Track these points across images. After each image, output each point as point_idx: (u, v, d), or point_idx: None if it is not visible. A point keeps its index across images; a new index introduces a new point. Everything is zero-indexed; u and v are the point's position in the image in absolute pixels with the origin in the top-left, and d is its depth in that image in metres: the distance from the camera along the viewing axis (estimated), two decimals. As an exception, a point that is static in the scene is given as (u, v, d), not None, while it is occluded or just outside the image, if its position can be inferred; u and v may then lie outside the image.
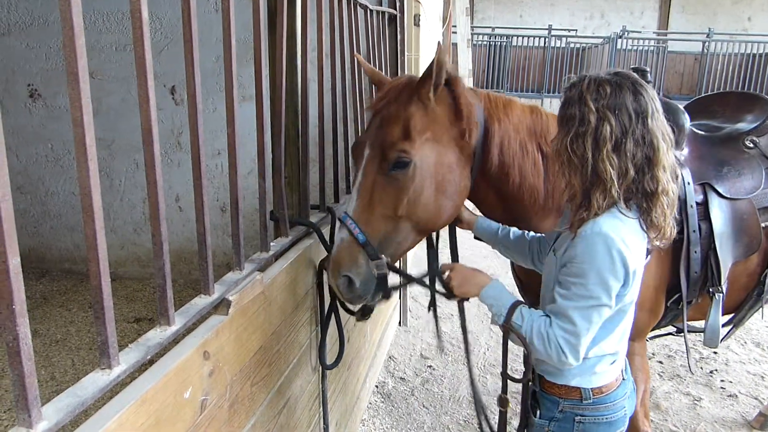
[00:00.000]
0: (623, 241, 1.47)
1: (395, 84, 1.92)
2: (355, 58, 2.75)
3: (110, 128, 4.93)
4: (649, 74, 2.27)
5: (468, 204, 2.10)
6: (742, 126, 2.46)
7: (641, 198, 1.51)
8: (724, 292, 2.22)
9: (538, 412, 1.72)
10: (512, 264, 2.34)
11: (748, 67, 13.98)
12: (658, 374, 3.99)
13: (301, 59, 2.04)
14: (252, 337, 1.63)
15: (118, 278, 5.27)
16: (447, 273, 1.81)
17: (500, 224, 2.08)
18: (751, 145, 2.37)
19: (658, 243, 1.57)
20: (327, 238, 2.19)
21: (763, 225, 2.27)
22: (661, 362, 4.17)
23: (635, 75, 1.54)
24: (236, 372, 1.54)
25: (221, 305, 1.48)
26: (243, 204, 1.63)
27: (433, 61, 1.76)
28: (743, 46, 14.21)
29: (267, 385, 1.77)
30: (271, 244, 1.86)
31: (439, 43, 1.88)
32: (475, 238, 2.16)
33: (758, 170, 2.32)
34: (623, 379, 1.73)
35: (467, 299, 1.86)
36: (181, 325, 1.29)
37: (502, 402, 1.80)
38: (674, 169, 1.56)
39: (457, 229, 2.20)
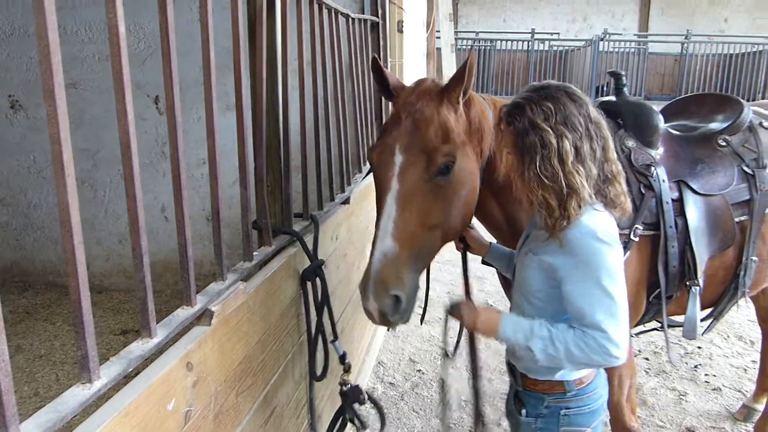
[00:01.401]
0: (607, 231, 1.54)
1: (423, 86, 1.84)
2: (337, 66, 2.77)
3: (94, 139, 4.90)
4: (624, 77, 2.32)
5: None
6: (715, 126, 2.52)
7: (604, 186, 1.59)
8: (701, 285, 2.27)
9: (523, 411, 1.75)
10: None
11: (726, 67, 14.18)
12: (645, 371, 4.04)
13: (281, 68, 2.05)
14: (236, 347, 1.64)
15: (104, 290, 5.24)
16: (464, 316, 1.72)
17: (513, 250, 2.07)
18: (724, 143, 2.44)
19: (622, 216, 1.64)
20: (311, 246, 2.20)
21: (736, 220, 2.33)
22: (647, 359, 4.22)
23: (559, 82, 1.61)
24: (221, 382, 1.55)
25: (204, 316, 1.48)
26: (228, 213, 1.64)
27: (465, 64, 1.73)
28: (720, 46, 14.42)
29: (253, 394, 1.78)
30: (254, 253, 1.86)
31: (472, 47, 1.88)
32: (483, 263, 2.16)
33: (730, 167, 2.38)
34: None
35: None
36: (164, 337, 1.30)
37: None
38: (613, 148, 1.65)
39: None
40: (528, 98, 1.57)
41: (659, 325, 2.55)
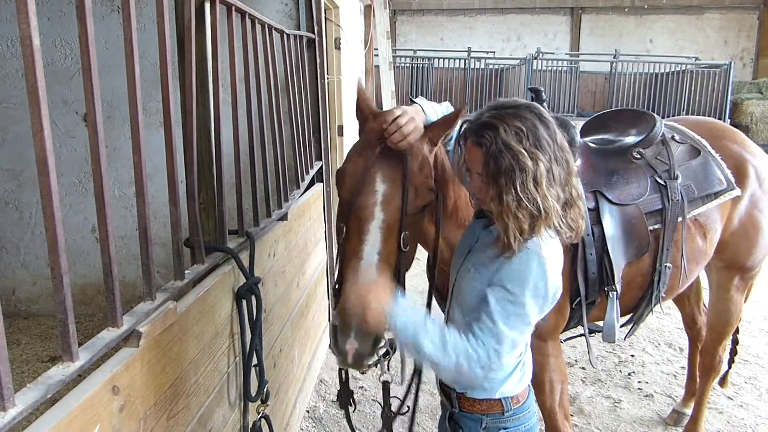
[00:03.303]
0: (553, 262, 1.55)
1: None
2: (272, 82, 2.76)
3: (18, 158, 4.69)
4: (543, 93, 2.41)
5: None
6: (630, 139, 2.66)
7: (564, 211, 1.56)
8: (618, 290, 2.37)
9: None
10: (428, 266, 2.36)
11: (652, 85, 14.93)
12: (581, 380, 4.15)
13: (213, 83, 2.02)
14: (167, 369, 1.59)
15: (31, 316, 4.98)
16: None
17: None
18: (638, 156, 2.57)
19: (575, 237, 1.62)
20: (247, 263, 2.16)
21: (650, 228, 2.45)
22: (583, 368, 4.33)
23: (527, 102, 1.58)
24: (150, 406, 1.49)
25: (131, 337, 1.44)
26: (164, 233, 1.58)
27: (456, 114, 1.73)
28: (647, 66, 15.17)
29: (186, 417, 1.72)
30: (186, 271, 1.81)
31: (464, 104, 1.83)
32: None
33: (644, 178, 2.51)
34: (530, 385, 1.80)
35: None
36: (86, 360, 1.25)
37: None
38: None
39: None
40: (498, 117, 1.52)
41: (579, 333, 2.65)
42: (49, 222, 1.12)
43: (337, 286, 1.75)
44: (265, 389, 2.23)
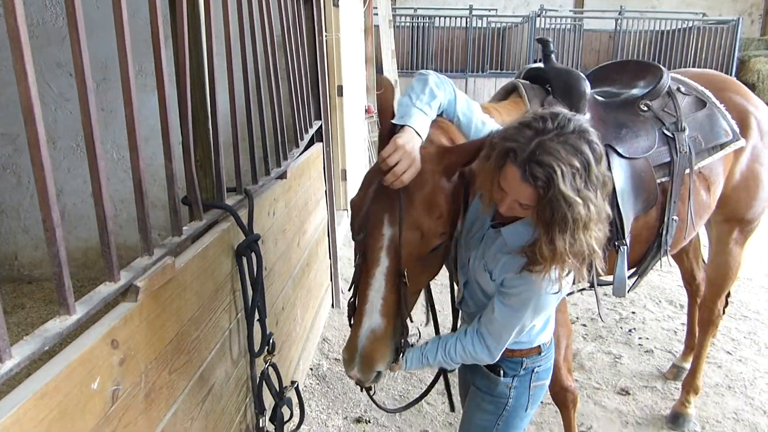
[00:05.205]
0: (566, 283, 1.59)
1: (425, 151, 1.62)
2: (268, 38, 2.70)
3: (13, 122, 4.63)
4: (551, 44, 2.35)
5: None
6: (637, 91, 2.60)
7: None
8: (628, 244, 2.34)
9: (501, 372, 1.83)
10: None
11: (658, 43, 14.66)
12: (582, 336, 4.17)
13: (206, 39, 1.97)
14: (166, 324, 1.58)
15: (35, 280, 5.01)
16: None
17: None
18: (645, 108, 2.52)
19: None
20: (245, 221, 2.14)
21: (658, 181, 2.42)
22: (584, 325, 4.36)
23: (573, 117, 1.44)
24: (151, 360, 1.50)
25: (129, 292, 1.43)
26: (163, 195, 1.56)
27: (480, 144, 1.56)
28: (652, 23, 14.86)
29: (187, 372, 1.73)
30: (184, 228, 1.80)
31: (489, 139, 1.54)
32: None
33: (652, 131, 2.47)
34: None
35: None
36: (83, 314, 1.24)
37: None
38: None
39: None
40: (553, 153, 1.35)
41: (588, 285, 2.64)
42: (39, 173, 1.09)
43: (348, 302, 1.81)
44: (271, 340, 2.24)
